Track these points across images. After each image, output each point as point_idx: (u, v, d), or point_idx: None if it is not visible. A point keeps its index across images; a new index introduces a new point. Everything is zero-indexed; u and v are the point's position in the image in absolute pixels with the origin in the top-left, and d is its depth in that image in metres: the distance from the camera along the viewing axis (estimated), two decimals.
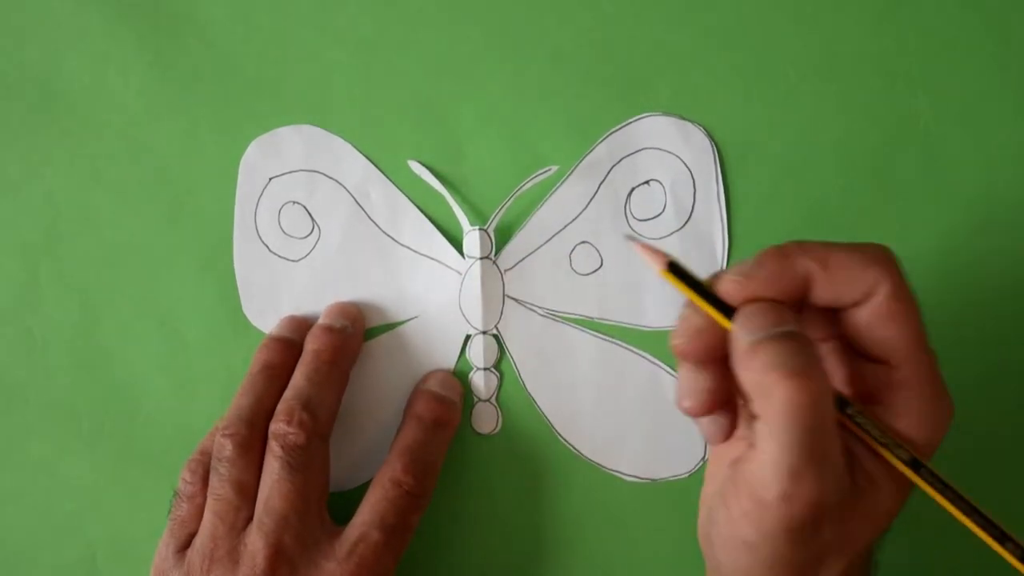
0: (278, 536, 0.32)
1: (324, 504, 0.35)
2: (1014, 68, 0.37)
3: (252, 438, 0.34)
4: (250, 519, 0.33)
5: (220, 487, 0.34)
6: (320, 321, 0.38)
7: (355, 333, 0.37)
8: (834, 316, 0.28)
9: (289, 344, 0.37)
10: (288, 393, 0.35)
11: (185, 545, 0.34)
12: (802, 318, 0.28)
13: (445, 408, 0.37)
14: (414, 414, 0.37)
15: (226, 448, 0.34)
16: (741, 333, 0.26)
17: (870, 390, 0.28)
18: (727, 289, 0.27)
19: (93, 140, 0.39)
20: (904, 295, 0.27)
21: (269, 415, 0.35)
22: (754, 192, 0.38)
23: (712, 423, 0.29)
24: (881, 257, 0.27)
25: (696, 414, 0.28)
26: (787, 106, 0.38)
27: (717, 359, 0.27)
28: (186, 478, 0.35)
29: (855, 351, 0.28)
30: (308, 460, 0.34)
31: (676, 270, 0.27)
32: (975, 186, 0.37)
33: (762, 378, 0.25)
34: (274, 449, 0.34)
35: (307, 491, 0.33)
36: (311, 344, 0.36)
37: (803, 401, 0.24)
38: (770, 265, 0.27)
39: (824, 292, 0.27)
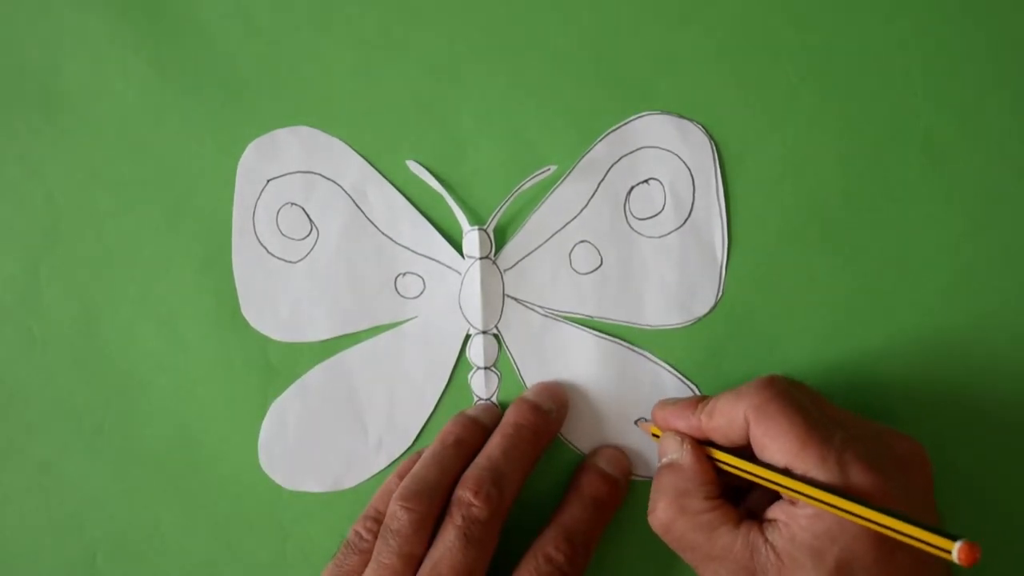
0: None
1: None
2: (1014, 68, 0.37)
3: (430, 514, 0.34)
4: None
5: (387, 557, 0.33)
6: (527, 396, 0.37)
7: (558, 419, 0.37)
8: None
9: (482, 427, 0.37)
10: (481, 461, 0.35)
11: None
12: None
13: (609, 487, 0.36)
14: (577, 489, 0.36)
15: (402, 521, 0.33)
16: (659, 454, 0.35)
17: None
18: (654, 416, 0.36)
19: (93, 140, 0.39)
20: (767, 414, 0.31)
21: (448, 490, 0.34)
22: (754, 192, 0.38)
23: None
24: (749, 391, 0.32)
25: None
26: (787, 106, 0.38)
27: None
28: (361, 534, 0.35)
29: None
30: (484, 536, 0.33)
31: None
32: (975, 186, 0.37)
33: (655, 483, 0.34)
34: (455, 517, 0.33)
35: (475, 567, 0.33)
36: (515, 417, 0.36)
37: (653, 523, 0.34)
38: (684, 405, 0.35)
39: (717, 437, 0.33)
